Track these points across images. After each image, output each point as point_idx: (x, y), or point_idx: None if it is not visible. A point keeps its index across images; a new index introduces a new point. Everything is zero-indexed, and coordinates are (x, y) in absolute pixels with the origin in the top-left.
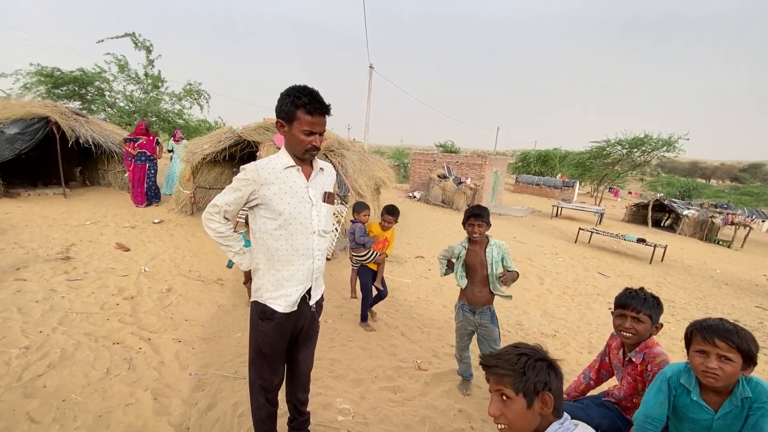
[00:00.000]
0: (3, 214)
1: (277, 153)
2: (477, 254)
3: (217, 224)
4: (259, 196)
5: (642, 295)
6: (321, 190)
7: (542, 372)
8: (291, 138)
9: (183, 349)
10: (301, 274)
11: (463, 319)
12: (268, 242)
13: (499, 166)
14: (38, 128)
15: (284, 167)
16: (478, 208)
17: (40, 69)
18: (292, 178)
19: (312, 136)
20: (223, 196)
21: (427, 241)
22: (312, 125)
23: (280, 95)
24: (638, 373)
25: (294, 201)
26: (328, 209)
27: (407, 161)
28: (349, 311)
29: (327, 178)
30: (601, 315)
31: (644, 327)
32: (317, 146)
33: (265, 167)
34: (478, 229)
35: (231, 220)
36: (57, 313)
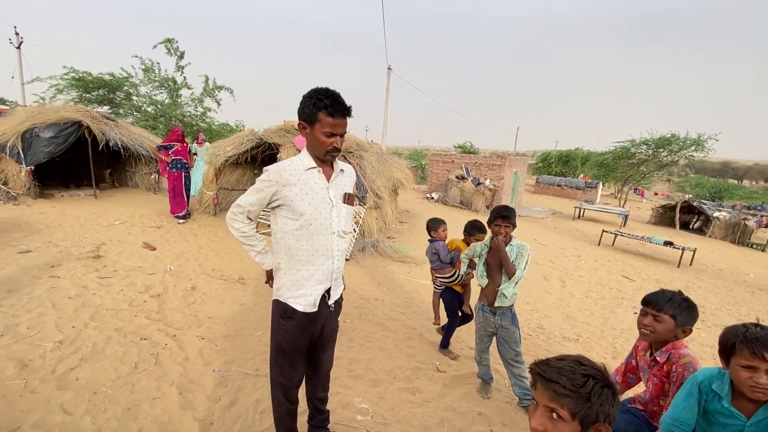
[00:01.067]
0: (38, 214)
1: (298, 155)
2: (495, 255)
3: (241, 224)
4: (281, 197)
5: (668, 294)
6: (341, 191)
7: (607, 402)
8: (312, 139)
9: (206, 346)
10: (320, 273)
11: (483, 320)
12: (289, 242)
13: (519, 167)
14: (71, 132)
15: (305, 169)
16: (505, 209)
17: (72, 73)
18: (313, 180)
19: (333, 138)
20: (247, 197)
21: None
22: (333, 127)
23: (303, 97)
24: (664, 374)
25: (315, 202)
26: (348, 210)
27: (425, 162)
28: (367, 312)
29: (347, 179)
30: (626, 319)
31: (664, 327)
32: (338, 147)
33: (287, 169)
34: (504, 230)
35: (254, 220)
36: (88, 309)
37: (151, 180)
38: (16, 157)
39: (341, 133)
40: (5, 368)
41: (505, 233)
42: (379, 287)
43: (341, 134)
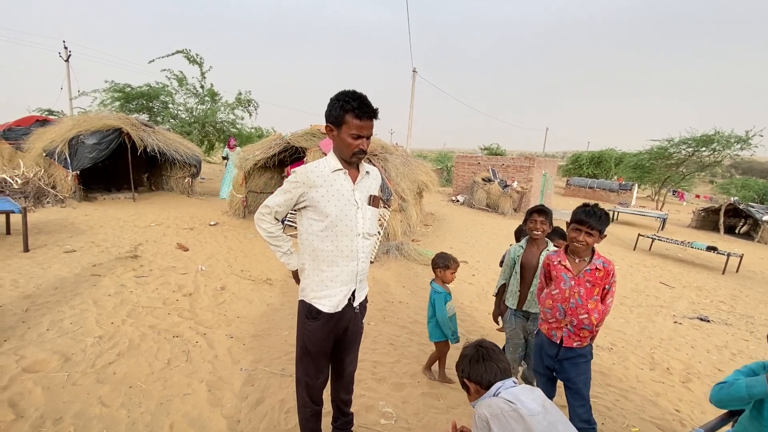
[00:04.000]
0: (83, 216)
1: (325, 156)
2: (534, 255)
3: (268, 224)
4: (308, 198)
5: (598, 213)
6: (366, 193)
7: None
8: (339, 141)
9: (235, 344)
10: (345, 275)
11: (516, 326)
12: (314, 243)
13: (549, 169)
14: (112, 138)
15: (332, 170)
16: (541, 206)
17: (113, 85)
18: (339, 181)
19: (360, 140)
20: (274, 198)
21: (471, 246)
22: (360, 129)
23: (330, 100)
24: (598, 278)
25: (340, 204)
26: (373, 212)
27: (450, 164)
28: (391, 314)
29: (372, 181)
30: (665, 329)
31: (593, 240)
32: (364, 150)
33: (314, 170)
34: (541, 225)
35: (281, 220)
36: (126, 306)
37: (185, 183)
38: (63, 163)
39: (368, 136)
40: (50, 361)
41: (542, 229)
42: (403, 290)
43: (368, 136)
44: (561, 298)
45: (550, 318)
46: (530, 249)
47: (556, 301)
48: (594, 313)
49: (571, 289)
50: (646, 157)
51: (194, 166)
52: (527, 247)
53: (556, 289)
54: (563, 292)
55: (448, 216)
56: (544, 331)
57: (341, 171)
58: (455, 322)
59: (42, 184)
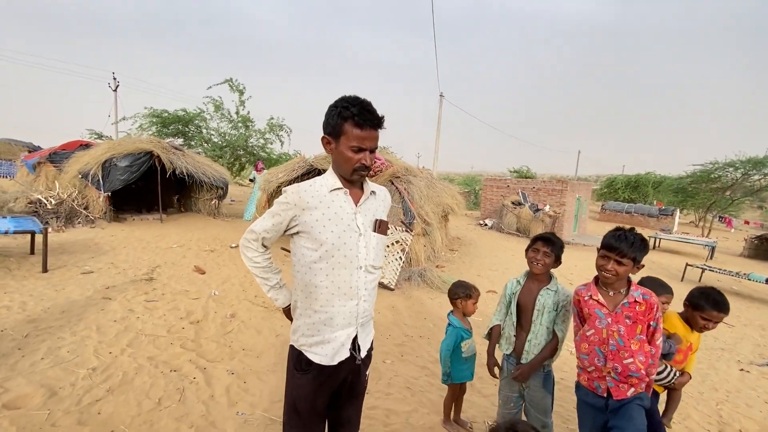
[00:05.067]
0: (108, 237)
1: (323, 174)
2: (531, 293)
3: (254, 253)
4: (300, 222)
5: (630, 238)
6: (372, 217)
7: None
8: (338, 155)
9: (235, 383)
10: (341, 317)
11: (507, 376)
12: (307, 277)
13: (582, 192)
14: (144, 161)
15: (330, 190)
16: (550, 235)
17: (152, 111)
18: (338, 203)
19: (361, 153)
20: (262, 222)
21: (500, 274)
22: (361, 140)
23: (328, 108)
24: (639, 313)
25: (338, 229)
26: (380, 240)
27: (478, 187)
28: (410, 351)
29: (380, 203)
30: (731, 378)
31: (625, 270)
32: (367, 165)
33: (308, 190)
34: (543, 257)
35: (269, 247)
36: (129, 334)
37: (212, 205)
38: (96, 184)
39: (371, 148)
40: (34, 396)
41: (543, 262)
42: (424, 323)
43: (371, 149)
44: (598, 339)
45: (589, 366)
46: (528, 285)
47: (592, 344)
48: (639, 355)
49: (608, 328)
50: (689, 181)
51: (221, 188)
52: (525, 283)
53: (591, 329)
54: (599, 332)
55: (476, 240)
56: (584, 383)
57: (341, 191)
58: (473, 364)
59: (75, 205)
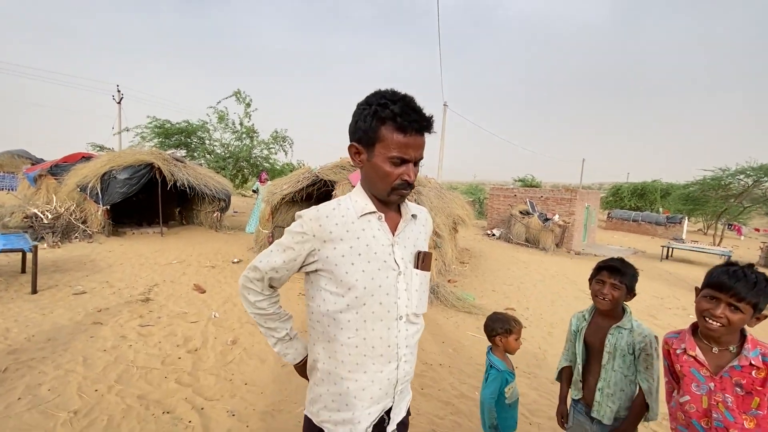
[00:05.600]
0: (106, 252)
1: (349, 193)
2: (600, 332)
3: (258, 296)
4: (321, 258)
5: (751, 277)
6: (412, 248)
7: None
8: (371, 170)
9: (235, 426)
10: (377, 387)
11: (574, 425)
12: (330, 331)
13: (592, 201)
14: (144, 173)
15: (359, 215)
16: (619, 261)
17: (154, 121)
18: (371, 232)
19: (403, 167)
20: (269, 257)
21: (516, 288)
22: (404, 149)
23: (357, 107)
24: (757, 382)
25: (371, 267)
26: (423, 279)
27: (482, 196)
28: (431, 383)
29: (420, 229)
30: None
31: (741, 318)
32: (410, 181)
33: (330, 215)
34: (609, 290)
35: (278, 288)
36: (119, 366)
37: (214, 218)
38: (95, 198)
39: (416, 159)
40: None
41: (611, 296)
42: (443, 348)
43: (416, 160)
44: (697, 411)
45: None
46: (596, 321)
47: (689, 415)
48: None
49: (710, 397)
50: (698, 189)
51: (223, 200)
52: (592, 319)
53: (686, 396)
54: (698, 400)
55: (485, 252)
56: None
57: (374, 216)
58: (516, 410)
59: (72, 219)
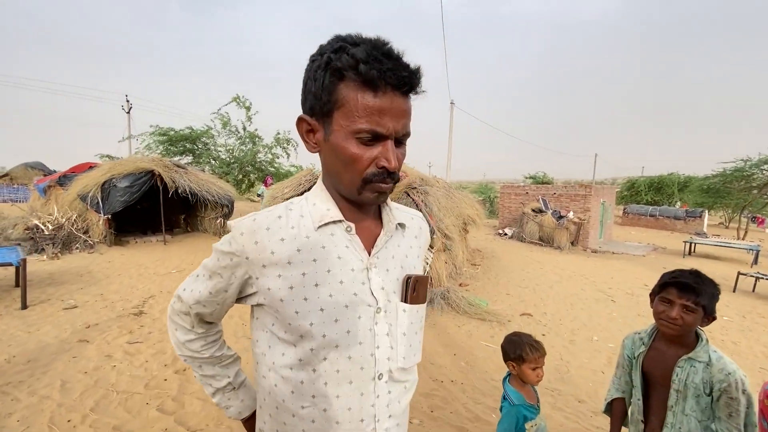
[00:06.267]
0: (105, 263)
1: (306, 193)
2: (664, 360)
3: (189, 334)
4: (261, 288)
5: None
6: (399, 271)
7: None
8: (331, 155)
9: None
10: None
11: None
12: (279, 395)
13: (607, 197)
14: (145, 181)
15: (318, 225)
16: (693, 276)
17: (157, 129)
18: (334, 251)
19: (379, 146)
20: (193, 285)
21: (532, 291)
22: (376, 117)
23: (309, 61)
24: None
25: (335, 303)
26: (416, 316)
27: (493, 195)
28: (442, 403)
29: (412, 242)
30: None
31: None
32: (391, 170)
33: (274, 227)
34: (679, 313)
35: (217, 322)
36: (98, 391)
37: (217, 224)
38: (95, 207)
39: (398, 134)
40: None
41: (681, 320)
42: (455, 360)
43: (398, 136)
44: None
45: None
46: (659, 347)
47: None
48: None
49: None
50: (720, 180)
51: (226, 206)
52: (653, 344)
53: None
54: None
55: (498, 252)
56: None
57: (339, 226)
58: None
59: (73, 230)
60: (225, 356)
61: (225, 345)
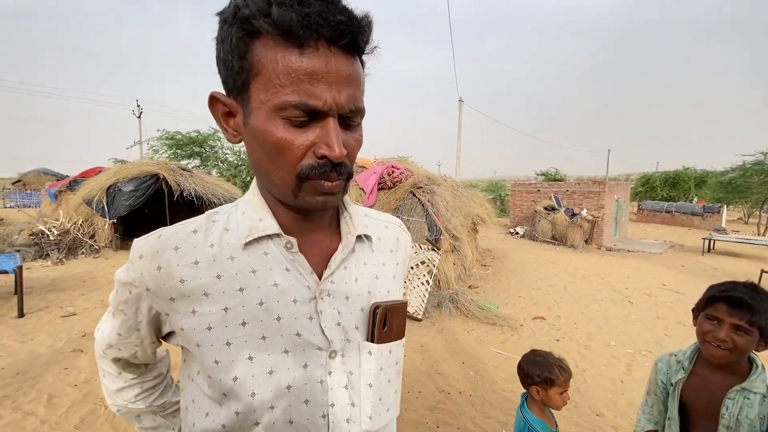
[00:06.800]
0: (109, 268)
1: (239, 199)
2: (709, 389)
3: (117, 381)
4: (174, 327)
5: None
6: (364, 300)
7: None
8: (253, 143)
9: None
10: None
11: None
12: None
13: (621, 193)
14: (149, 184)
15: (245, 241)
16: (748, 290)
17: (164, 133)
18: (269, 276)
19: (316, 126)
20: (104, 322)
21: (545, 293)
22: (307, 82)
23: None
24: None
25: (270, 349)
26: (388, 360)
27: (504, 193)
28: (449, 417)
29: (385, 258)
30: None
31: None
32: (335, 158)
33: (185, 245)
34: (728, 334)
35: (151, 363)
36: (85, 406)
37: None
38: (101, 211)
39: (342, 107)
40: None
41: (732, 342)
42: (463, 369)
43: (345, 111)
44: None
45: None
46: (702, 375)
47: None
48: None
49: None
50: (739, 175)
51: None
52: (695, 369)
53: None
54: None
55: (509, 252)
56: None
57: (276, 242)
58: None
59: (79, 235)
60: (170, 404)
61: (171, 389)
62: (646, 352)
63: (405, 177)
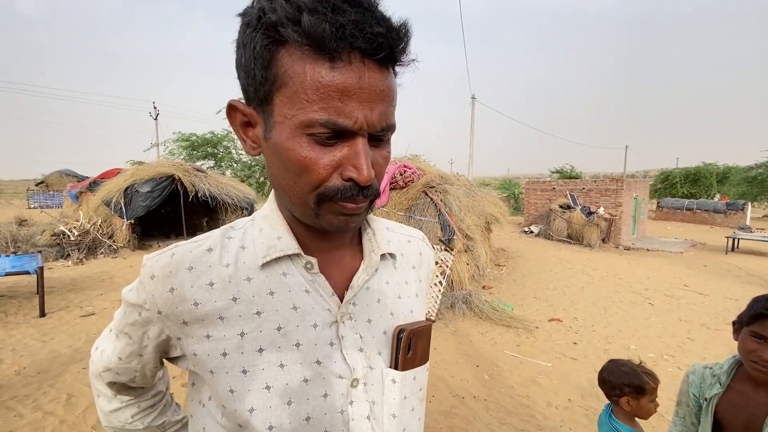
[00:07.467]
0: (127, 268)
1: (255, 213)
2: (749, 407)
3: (113, 402)
4: (186, 352)
5: None
6: (387, 322)
7: None
8: (274, 160)
9: None
10: None
11: None
12: None
13: (640, 191)
14: (165, 185)
15: (263, 261)
16: None
17: (180, 135)
18: (288, 299)
19: (344, 146)
20: (103, 344)
21: (561, 294)
22: (337, 99)
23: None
24: None
25: (289, 377)
26: (412, 387)
27: (518, 191)
28: (463, 424)
29: (409, 276)
30: None
31: None
32: (363, 181)
33: (199, 266)
34: None
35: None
36: None
37: None
38: (119, 212)
39: (374, 127)
40: None
41: None
42: (477, 373)
43: (376, 130)
44: None
45: None
46: (741, 391)
47: None
48: None
49: None
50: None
51: (246, 208)
52: (733, 384)
53: None
54: None
55: (523, 251)
56: None
57: (295, 263)
58: None
59: (98, 235)
60: (169, 423)
61: (170, 407)
62: (668, 357)
63: (417, 176)
